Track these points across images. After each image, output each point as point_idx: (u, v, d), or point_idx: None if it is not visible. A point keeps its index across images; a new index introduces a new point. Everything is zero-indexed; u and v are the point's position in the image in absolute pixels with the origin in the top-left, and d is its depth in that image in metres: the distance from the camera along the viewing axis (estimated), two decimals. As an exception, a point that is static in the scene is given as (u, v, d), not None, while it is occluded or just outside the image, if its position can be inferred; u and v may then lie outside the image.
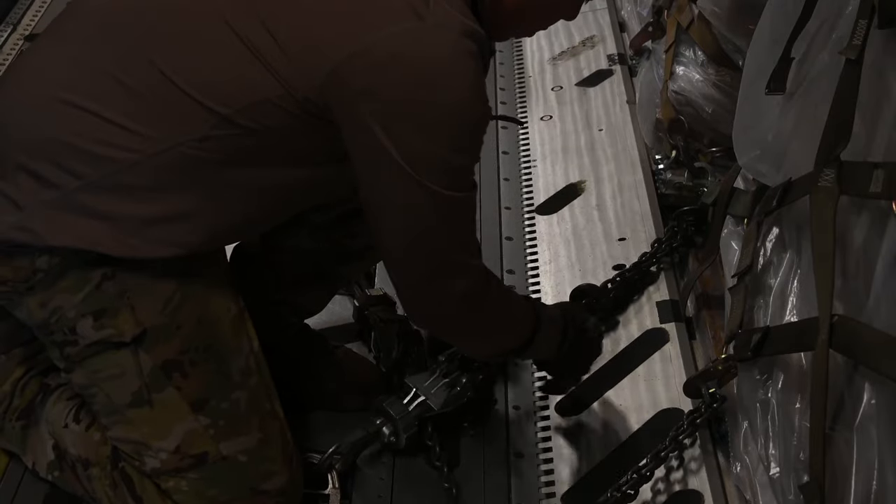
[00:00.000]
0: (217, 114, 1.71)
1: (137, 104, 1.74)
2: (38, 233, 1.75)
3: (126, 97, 1.74)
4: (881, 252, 1.49)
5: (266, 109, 1.71)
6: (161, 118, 1.73)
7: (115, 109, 1.74)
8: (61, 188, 1.74)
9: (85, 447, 1.98)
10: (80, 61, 1.80)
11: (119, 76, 1.74)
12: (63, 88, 1.78)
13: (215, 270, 1.91)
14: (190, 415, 1.86)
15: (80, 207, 1.74)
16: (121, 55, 1.76)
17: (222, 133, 1.73)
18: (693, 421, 2.00)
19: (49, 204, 1.75)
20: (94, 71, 1.77)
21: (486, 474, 2.12)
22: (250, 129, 1.72)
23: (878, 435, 1.44)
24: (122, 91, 1.74)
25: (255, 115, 1.72)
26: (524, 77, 3.35)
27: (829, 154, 1.65)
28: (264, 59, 1.69)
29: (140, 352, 1.82)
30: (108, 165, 1.73)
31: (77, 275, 1.79)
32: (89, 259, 1.77)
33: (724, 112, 2.54)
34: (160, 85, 1.72)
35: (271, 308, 2.14)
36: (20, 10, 3.64)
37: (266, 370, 1.95)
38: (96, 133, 1.74)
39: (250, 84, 1.70)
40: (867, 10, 1.58)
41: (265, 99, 1.70)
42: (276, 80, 1.69)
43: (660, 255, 2.46)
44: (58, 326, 1.83)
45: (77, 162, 1.74)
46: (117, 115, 1.73)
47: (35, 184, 1.76)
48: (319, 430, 2.17)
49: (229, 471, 1.90)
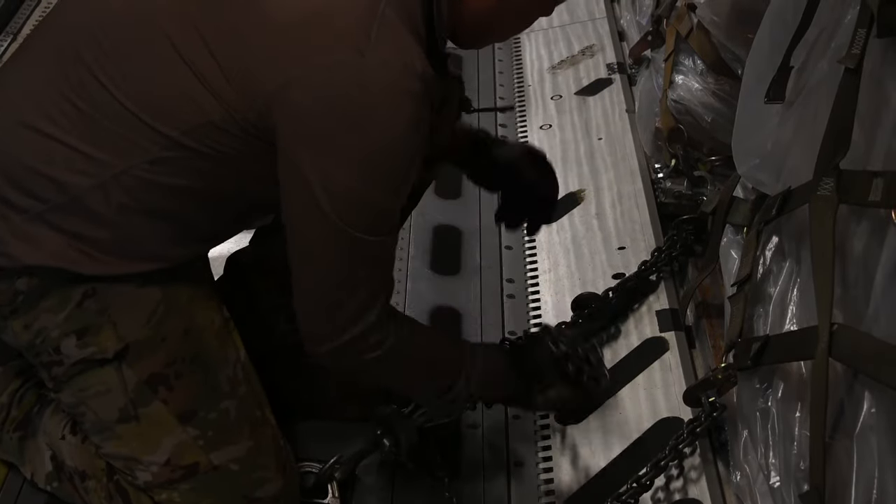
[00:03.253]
0: (165, 136, 1.70)
1: (91, 127, 1.73)
2: (12, 255, 1.76)
3: (79, 119, 1.73)
4: (881, 261, 1.49)
5: (210, 131, 1.70)
6: (113, 141, 1.73)
7: (69, 132, 1.74)
8: (28, 212, 1.75)
9: (81, 459, 1.98)
10: (38, 83, 1.79)
11: (73, 99, 1.74)
12: (23, 111, 1.78)
13: (198, 281, 1.91)
14: (178, 427, 1.86)
15: (50, 227, 1.75)
16: (74, 77, 1.75)
17: (172, 155, 1.72)
18: (693, 430, 2.00)
19: (19, 227, 1.76)
20: (51, 94, 1.76)
21: (486, 484, 2.12)
22: (199, 151, 1.71)
23: (878, 443, 1.44)
24: (77, 114, 1.74)
25: (201, 136, 1.70)
26: (523, 86, 3.35)
27: (829, 163, 1.65)
28: (206, 80, 1.67)
29: (124, 367, 1.83)
30: (69, 190, 1.74)
31: (58, 294, 1.79)
32: (69, 277, 1.77)
33: (723, 121, 2.54)
34: (110, 107, 1.72)
35: (267, 316, 2.14)
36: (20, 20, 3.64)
37: (255, 378, 1.95)
38: (55, 158, 1.74)
39: (194, 106, 1.69)
40: (866, 19, 1.58)
41: (208, 121, 1.69)
42: (218, 102, 1.67)
43: (659, 264, 2.45)
44: (43, 347, 1.84)
45: (40, 187, 1.75)
46: (72, 139, 1.73)
47: (4, 208, 1.77)
48: (319, 440, 2.16)
49: (221, 480, 1.90)
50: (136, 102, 1.71)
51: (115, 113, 1.72)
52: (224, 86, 1.67)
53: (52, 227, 1.75)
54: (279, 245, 2.10)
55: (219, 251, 2.03)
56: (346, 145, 1.63)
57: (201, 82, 1.67)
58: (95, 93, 1.73)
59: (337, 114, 1.62)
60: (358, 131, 1.62)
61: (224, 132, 1.70)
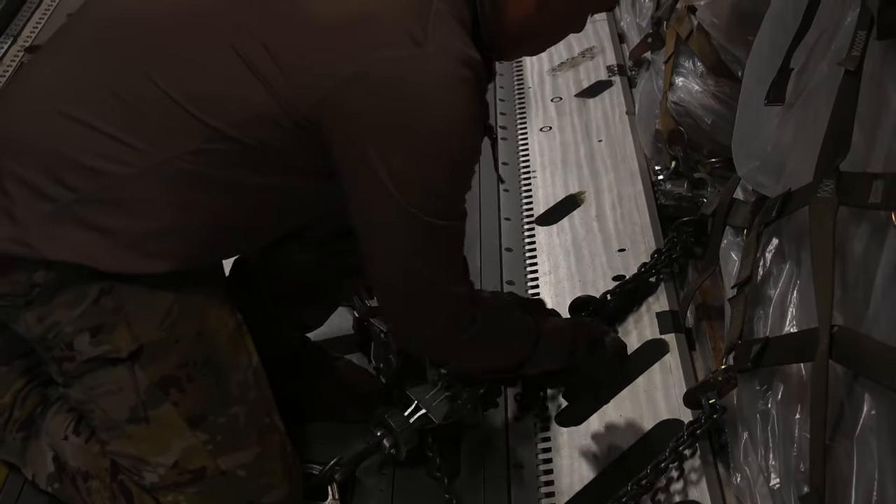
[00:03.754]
0: (212, 127, 1.72)
1: (133, 117, 1.74)
2: (34, 246, 1.75)
3: (122, 110, 1.74)
4: (881, 263, 1.49)
5: (261, 125, 1.72)
6: (156, 131, 1.73)
7: (111, 122, 1.74)
8: (57, 201, 1.75)
9: (84, 459, 1.98)
10: (78, 74, 1.80)
11: (115, 89, 1.74)
12: (60, 100, 1.78)
13: (213, 285, 1.91)
14: (187, 431, 1.86)
15: (76, 221, 1.74)
16: (118, 68, 1.76)
17: (216, 147, 1.73)
18: (693, 432, 2.00)
19: (45, 217, 1.75)
20: (91, 84, 1.77)
21: (486, 485, 2.12)
22: (244, 143, 1.73)
23: (878, 445, 1.44)
24: (118, 104, 1.74)
25: (249, 129, 1.72)
26: (524, 88, 3.35)
27: (829, 165, 1.65)
28: (262, 77, 1.69)
29: (136, 368, 1.82)
30: (103, 179, 1.73)
31: (74, 290, 1.79)
32: (87, 274, 1.77)
33: (723, 123, 2.54)
34: (156, 98, 1.73)
35: (271, 322, 2.13)
36: (20, 22, 3.65)
37: (265, 384, 1.95)
38: (92, 146, 1.74)
39: (247, 100, 1.71)
40: (866, 21, 1.58)
41: (261, 115, 1.71)
42: (274, 98, 1.69)
43: (659, 265, 2.46)
44: (55, 342, 1.83)
45: (73, 175, 1.74)
46: (113, 128, 1.74)
47: (31, 196, 1.76)
48: (319, 442, 2.17)
49: (228, 485, 1.90)
50: (184, 94, 1.72)
51: (160, 103, 1.73)
52: (278, 78, 1.69)
53: (77, 220, 1.74)
54: (291, 254, 2.11)
55: (225, 255, 2.04)
56: (410, 133, 1.68)
57: (254, 74, 1.69)
58: (140, 84, 1.74)
59: (400, 104, 1.67)
60: (421, 118, 1.67)
61: (275, 125, 1.71)
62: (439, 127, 1.68)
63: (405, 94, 1.67)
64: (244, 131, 1.72)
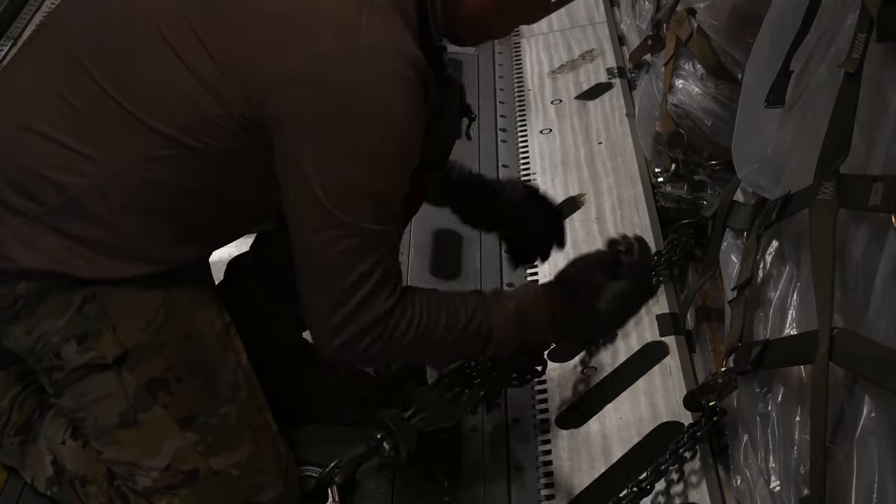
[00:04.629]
0: (162, 134, 1.70)
1: (88, 127, 1.73)
2: (11, 257, 1.76)
3: (77, 120, 1.73)
4: (881, 265, 1.49)
5: (207, 128, 1.69)
6: (110, 140, 1.73)
7: (67, 133, 1.73)
8: (27, 214, 1.75)
9: (82, 464, 1.98)
10: (37, 85, 1.79)
11: (69, 98, 1.74)
12: (22, 112, 1.78)
13: (199, 285, 1.90)
14: (178, 432, 1.86)
15: (50, 230, 1.75)
16: (71, 77, 1.75)
17: (170, 153, 1.72)
18: (693, 434, 2.00)
19: (18, 229, 1.76)
20: (47, 94, 1.76)
21: (486, 488, 2.12)
22: (196, 148, 1.71)
23: (878, 448, 1.44)
24: (74, 114, 1.73)
25: (198, 134, 1.70)
26: (523, 90, 3.35)
27: (829, 167, 1.65)
28: (202, 77, 1.67)
29: (123, 372, 1.82)
30: (66, 190, 1.73)
31: (58, 299, 1.79)
32: (69, 282, 1.77)
33: (723, 125, 2.54)
34: (107, 106, 1.72)
35: (267, 322, 2.13)
36: (20, 25, 3.65)
37: (256, 383, 1.95)
38: (52, 158, 1.74)
39: (190, 102, 1.68)
40: (866, 23, 1.58)
41: (205, 117, 1.69)
42: (214, 98, 1.67)
43: (659, 268, 2.45)
44: (44, 353, 1.84)
45: (38, 188, 1.74)
46: (70, 139, 1.73)
47: (2, 211, 1.76)
48: (319, 444, 2.16)
49: (221, 485, 1.90)
50: (132, 100, 1.71)
51: (111, 111, 1.71)
52: (220, 81, 1.66)
53: (50, 229, 1.75)
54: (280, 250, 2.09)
55: (219, 255, 2.03)
56: (341, 133, 1.63)
57: (197, 79, 1.67)
58: (91, 91, 1.72)
59: (330, 101, 1.62)
60: (352, 117, 1.62)
61: (221, 128, 1.69)
62: (369, 125, 1.63)
63: (335, 92, 1.62)
64: (194, 136, 1.70)
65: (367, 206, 1.67)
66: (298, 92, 1.63)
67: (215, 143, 1.71)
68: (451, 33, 1.84)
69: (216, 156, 1.72)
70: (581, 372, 2.32)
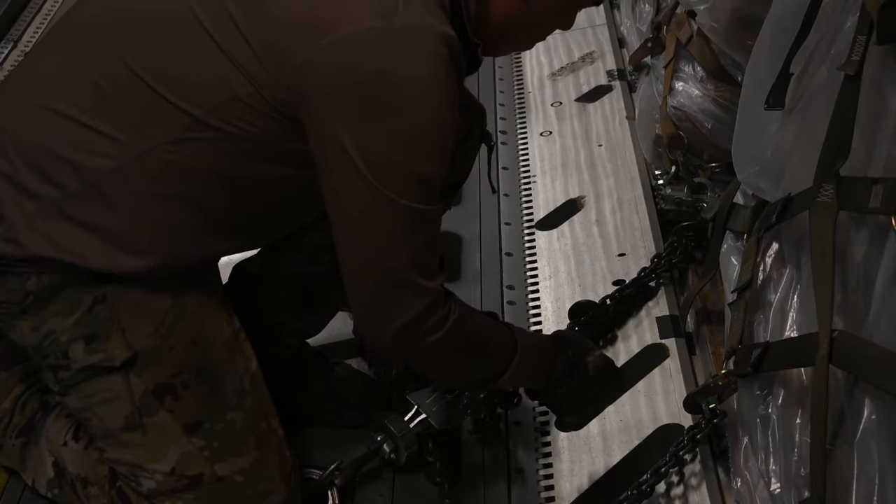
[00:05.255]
0: (189, 115, 1.69)
1: (114, 108, 1.72)
2: (23, 244, 1.74)
3: (103, 101, 1.72)
4: (881, 267, 1.49)
5: (237, 108, 1.68)
6: (136, 121, 1.71)
7: (92, 114, 1.72)
8: (43, 199, 1.74)
9: (83, 465, 1.97)
10: (62, 68, 1.78)
11: (97, 80, 1.73)
12: (43, 96, 1.77)
13: (209, 290, 1.89)
14: (183, 437, 1.85)
15: (64, 218, 1.73)
16: (98, 59, 1.74)
17: (196, 135, 1.70)
18: (693, 436, 2.00)
19: (32, 215, 1.74)
20: (74, 76, 1.75)
21: (486, 490, 2.12)
22: (223, 130, 1.69)
23: (878, 450, 1.44)
24: (100, 95, 1.72)
25: (226, 115, 1.68)
26: (524, 93, 3.35)
27: (829, 169, 1.65)
28: (233, 56, 1.66)
29: (131, 376, 1.82)
30: (86, 173, 1.72)
31: (68, 298, 1.78)
32: (79, 279, 1.76)
33: (723, 127, 2.54)
34: (135, 87, 1.70)
35: (270, 328, 2.13)
36: (21, 27, 3.65)
37: (263, 388, 1.94)
38: (74, 139, 1.73)
39: (220, 82, 1.67)
40: (866, 25, 1.58)
41: (235, 97, 1.67)
42: (245, 77, 1.66)
43: (659, 270, 2.46)
44: (50, 350, 1.83)
45: (56, 170, 1.73)
46: (94, 120, 1.72)
47: (18, 194, 1.75)
48: (319, 447, 2.16)
49: (226, 491, 1.89)
50: (161, 81, 1.69)
51: (138, 92, 1.70)
52: (252, 61, 1.65)
53: (65, 216, 1.73)
54: (288, 261, 2.09)
55: (226, 260, 2.03)
56: (379, 111, 1.61)
57: (229, 58, 1.66)
58: (118, 72, 1.71)
59: (368, 80, 1.61)
60: (389, 96, 1.61)
61: (251, 109, 1.68)
62: (408, 103, 1.61)
63: (371, 70, 1.61)
64: (222, 118, 1.68)
65: (406, 184, 1.64)
66: (332, 71, 1.62)
67: (244, 125, 1.69)
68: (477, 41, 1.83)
69: (245, 139, 1.70)
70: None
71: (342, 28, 1.62)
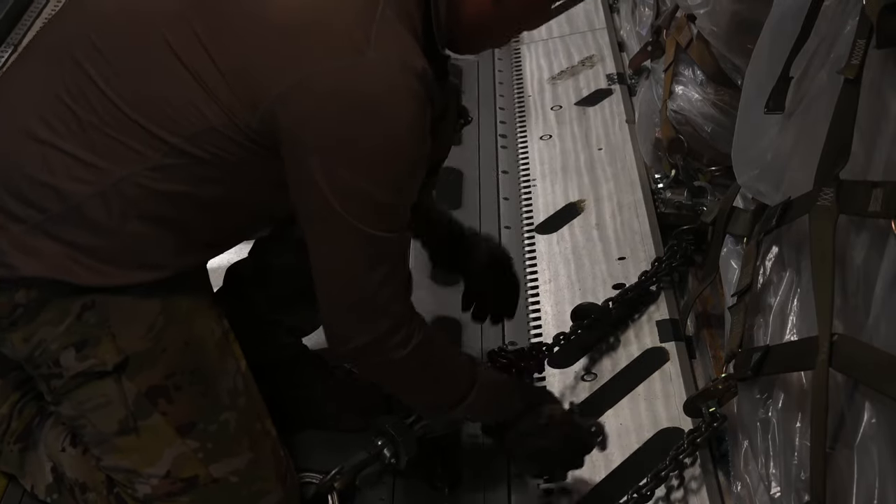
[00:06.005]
0: (167, 143, 1.70)
1: (91, 134, 1.72)
2: (13, 266, 1.76)
3: (79, 127, 1.73)
4: (881, 271, 1.49)
5: (213, 138, 1.70)
6: (114, 148, 1.72)
7: (70, 140, 1.73)
8: (27, 222, 1.75)
9: (81, 471, 1.97)
10: (38, 91, 1.79)
11: (72, 106, 1.73)
12: (23, 117, 1.77)
13: (198, 292, 1.90)
14: (177, 439, 1.86)
15: (50, 238, 1.74)
16: (72, 83, 1.74)
17: (174, 162, 1.72)
18: (693, 440, 2.00)
19: (18, 237, 1.75)
20: (49, 100, 1.75)
21: (486, 494, 2.12)
22: (201, 158, 1.71)
23: (878, 454, 1.44)
24: (76, 121, 1.73)
25: (203, 143, 1.70)
26: (523, 97, 3.36)
27: (829, 173, 1.65)
28: (206, 85, 1.67)
29: (123, 379, 1.82)
30: (68, 199, 1.73)
31: (57, 307, 1.79)
32: (68, 290, 1.77)
33: (723, 131, 2.54)
34: (110, 113, 1.71)
35: (266, 328, 2.13)
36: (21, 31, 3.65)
37: (255, 389, 1.95)
38: (54, 166, 1.73)
39: (196, 112, 1.68)
40: (865, 29, 1.58)
41: (211, 127, 1.69)
42: (220, 108, 1.67)
43: (659, 274, 2.46)
44: (42, 360, 1.83)
45: (39, 196, 1.74)
46: (73, 147, 1.73)
47: (3, 218, 1.76)
48: (320, 451, 2.16)
49: (221, 492, 1.89)
50: (137, 108, 1.70)
51: (116, 119, 1.71)
52: (225, 91, 1.67)
53: (50, 237, 1.74)
54: (279, 257, 2.10)
55: (218, 262, 2.03)
56: (351, 145, 1.64)
57: (202, 88, 1.67)
58: (94, 99, 1.72)
59: (340, 114, 1.63)
60: (362, 130, 1.63)
61: (226, 138, 1.69)
62: (378, 136, 1.64)
63: (345, 105, 1.63)
64: (199, 146, 1.70)
65: (377, 214, 1.68)
66: (306, 105, 1.64)
67: (221, 153, 1.71)
68: (452, 41, 1.84)
69: (221, 166, 1.73)
70: (581, 378, 2.32)
71: (315, 62, 1.63)
